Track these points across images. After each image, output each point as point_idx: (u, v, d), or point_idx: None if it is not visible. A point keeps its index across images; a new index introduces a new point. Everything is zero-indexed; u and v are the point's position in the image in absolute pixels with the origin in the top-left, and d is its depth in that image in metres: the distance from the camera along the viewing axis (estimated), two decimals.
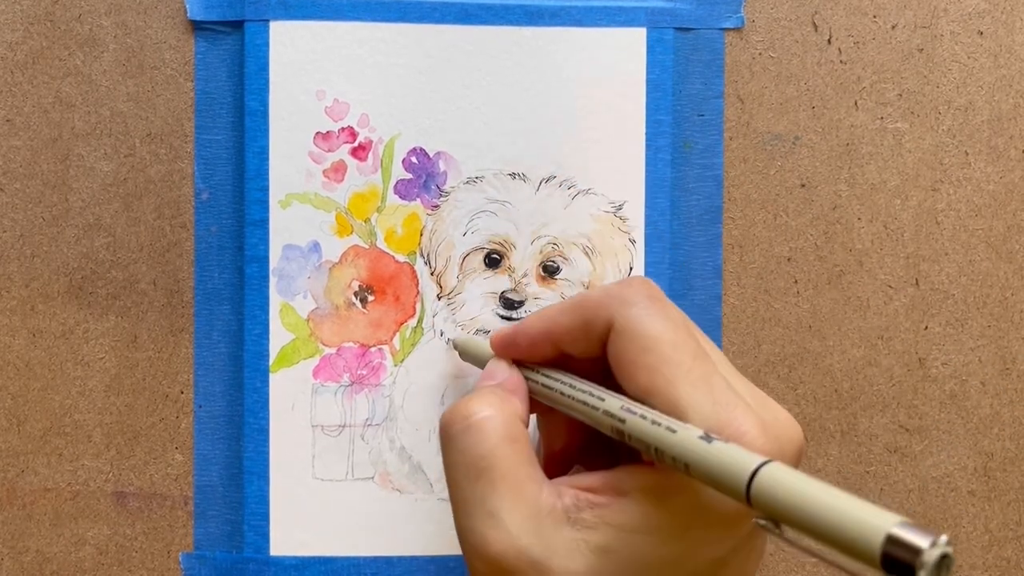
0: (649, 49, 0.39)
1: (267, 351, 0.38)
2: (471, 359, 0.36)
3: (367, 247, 0.39)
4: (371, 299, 0.39)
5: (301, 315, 0.39)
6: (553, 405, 0.33)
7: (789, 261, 0.40)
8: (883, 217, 0.40)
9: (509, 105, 0.39)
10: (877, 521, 0.22)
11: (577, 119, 0.39)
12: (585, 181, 0.39)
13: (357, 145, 0.39)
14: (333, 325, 0.39)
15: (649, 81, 0.39)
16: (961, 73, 0.40)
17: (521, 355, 0.34)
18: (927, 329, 0.40)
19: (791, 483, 0.24)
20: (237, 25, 0.38)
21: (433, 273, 0.39)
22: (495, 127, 0.39)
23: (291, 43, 0.38)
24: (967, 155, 0.40)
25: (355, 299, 0.39)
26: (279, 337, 0.38)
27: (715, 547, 0.28)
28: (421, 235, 0.39)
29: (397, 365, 0.39)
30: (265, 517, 0.38)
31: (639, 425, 0.28)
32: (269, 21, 0.38)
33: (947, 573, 0.22)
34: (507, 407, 0.31)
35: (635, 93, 0.39)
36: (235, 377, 0.39)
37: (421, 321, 0.39)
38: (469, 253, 0.39)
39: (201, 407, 0.39)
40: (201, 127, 0.39)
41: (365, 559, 0.39)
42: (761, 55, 0.39)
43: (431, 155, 0.39)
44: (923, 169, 0.40)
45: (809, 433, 0.39)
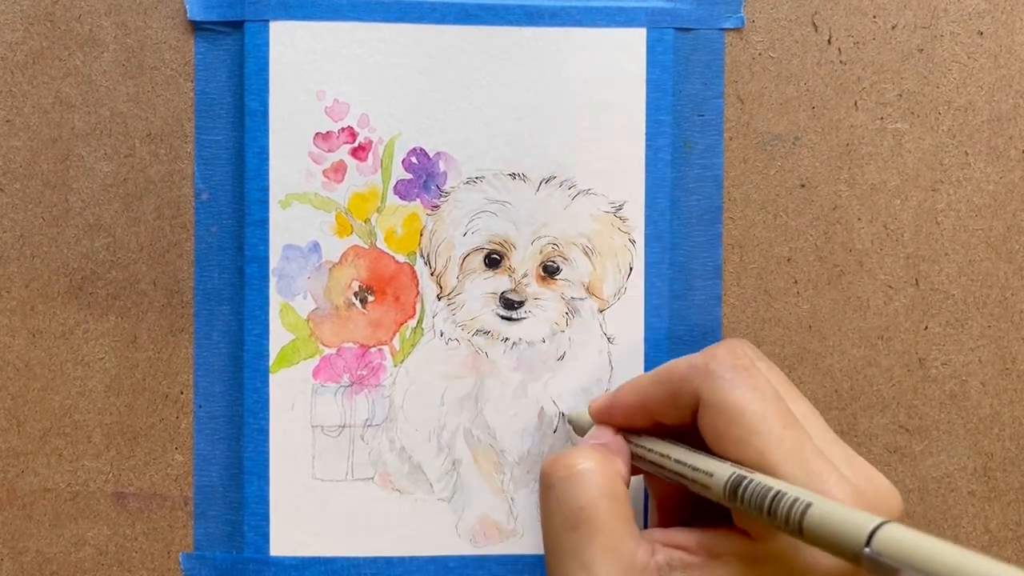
0: (649, 49, 0.39)
1: (267, 351, 0.38)
2: (580, 432, 0.37)
3: (367, 247, 0.39)
4: (371, 299, 0.39)
5: (301, 315, 0.39)
6: (659, 475, 0.33)
7: (789, 261, 0.40)
8: (883, 217, 0.40)
9: (509, 105, 0.39)
10: None
11: (577, 119, 0.39)
12: (585, 181, 0.39)
13: (357, 145, 0.39)
14: (333, 325, 0.39)
15: (649, 81, 0.39)
16: (961, 73, 0.40)
17: (618, 424, 0.34)
18: (927, 329, 0.40)
19: (913, 541, 0.24)
20: (237, 25, 0.38)
21: (433, 273, 0.39)
22: (495, 127, 0.39)
23: (291, 43, 0.38)
24: (967, 155, 0.40)
25: (355, 299, 0.39)
26: (279, 337, 0.38)
27: None
28: (421, 235, 0.39)
29: (397, 365, 0.39)
30: (265, 517, 0.38)
31: (751, 489, 0.28)
32: (269, 21, 0.38)
33: None
34: (610, 464, 0.31)
35: (635, 93, 0.39)
36: (235, 377, 0.39)
37: (421, 321, 0.39)
38: (469, 253, 0.39)
39: (201, 407, 0.39)
40: (201, 127, 0.39)
41: (365, 559, 0.39)
42: (761, 55, 0.39)
43: (431, 155, 0.39)
44: (923, 169, 0.40)
45: None
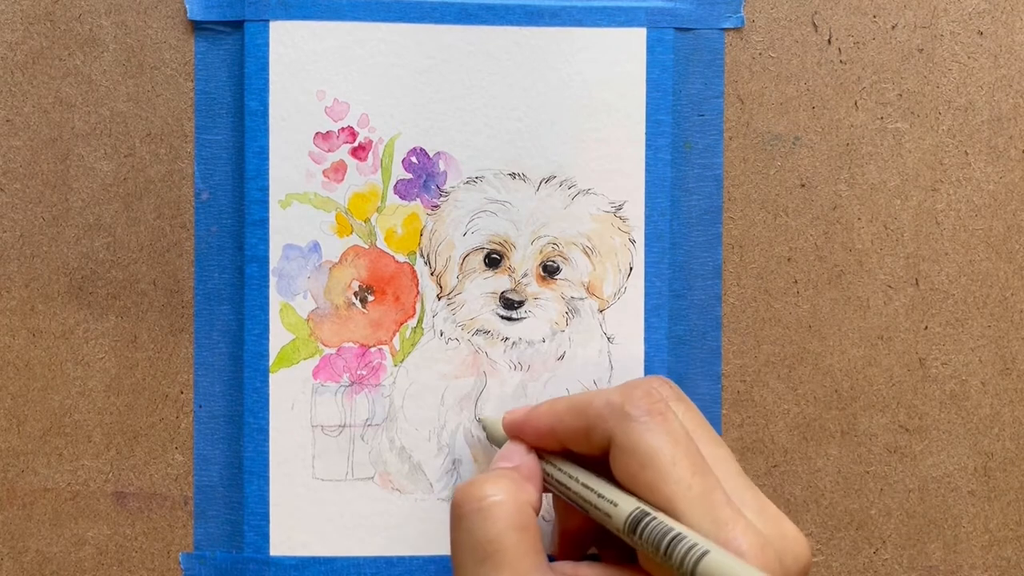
0: (649, 49, 0.39)
1: (267, 351, 0.38)
2: (494, 440, 0.37)
3: (367, 247, 0.39)
4: (371, 299, 0.39)
5: (301, 315, 0.39)
6: (566, 499, 0.33)
7: (789, 261, 0.40)
8: (883, 217, 0.40)
9: (509, 105, 0.39)
10: None
11: (577, 119, 0.39)
12: (585, 181, 0.39)
13: (357, 145, 0.39)
14: (333, 325, 0.39)
15: (649, 81, 0.39)
16: (961, 73, 0.40)
17: (529, 443, 0.34)
18: (927, 329, 0.40)
19: None
20: (237, 25, 0.38)
21: (433, 273, 0.39)
22: (495, 127, 0.39)
23: (291, 43, 0.38)
24: (967, 155, 0.40)
25: (355, 299, 0.39)
26: (279, 337, 0.38)
27: None
28: (421, 235, 0.39)
29: (397, 365, 0.39)
30: (265, 517, 0.38)
31: (652, 527, 0.29)
32: (269, 21, 0.38)
33: None
34: (521, 494, 0.31)
35: (635, 93, 0.39)
36: (235, 377, 0.39)
37: (421, 321, 0.39)
38: (469, 253, 0.39)
39: (201, 407, 0.39)
40: (201, 127, 0.39)
41: (365, 559, 0.39)
42: (761, 55, 0.39)
43: (431, 155, 0.39)
44: (923, 169, 0.40)
45: (809, 433, 0.40)
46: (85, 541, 0.39)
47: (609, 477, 0.32)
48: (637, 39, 0.39)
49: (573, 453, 0.33)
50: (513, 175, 0.39)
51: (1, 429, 0.39)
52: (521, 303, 0.39)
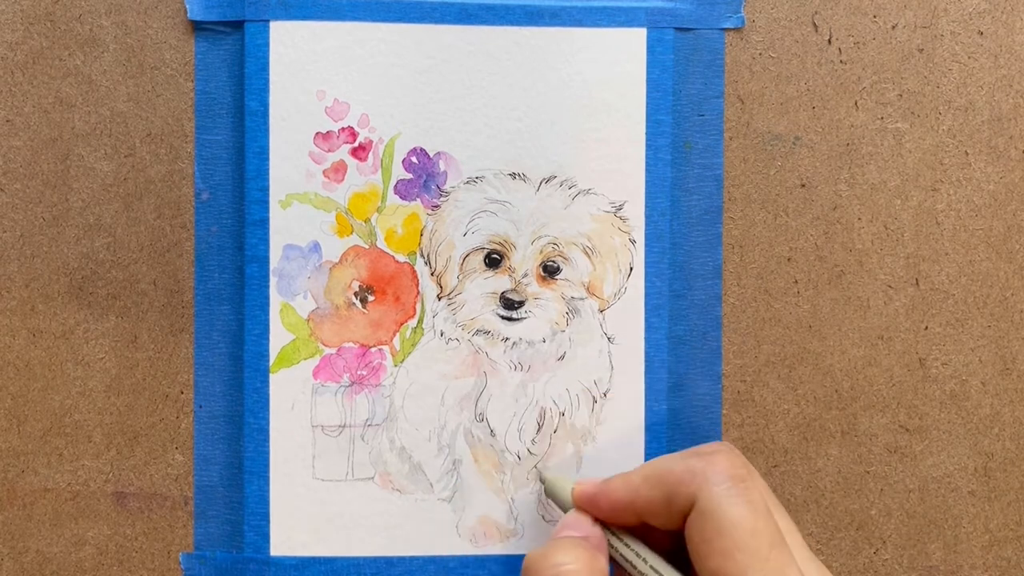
0: (649, 49, 0.39)
1: (267, 351, 0.38)
2: (553, 497, 0.37)
3: (367, 247, 0.39)
4: (371, 299, 0.39)
5: (301, 315, 0.39)
6: (629, 574, 0.33)
7: (789, 261, 0.40)
8: (883, 217, 0.40)
9: (509, 105, 0.39)
10: None
11: (577, 119, 0.39)
12: (585, 181, 0.39)
13: (357, 145, 0.39)
14: (333, 325, 0.39)
15: (649, 81, 0.39)
16: (961, 73, 0.40)
17: (602, 516, 0.34)
18: (927, 329, 0.40)
19: None
20: (237, 25, 0.38)
21: (433, 273, 0.39)
22: (495, 127, 0.39)
23: (291, 43, 0.38)
24: (967, 155, 0.40)
25: (355, 299, 0.39)
26: (279, 337, 0.38)
27: None
28: (421, 235, 0.39)
29: (397, 365, 0.39)
30: (265, 517, 0.38)
31: None
32: (269, 21, 0.38)
33: None
34: (595, 564, 0.32)
35: (635, 93, 0.39)
36: (235, 377, 0.39)
37: (421, 321, 0.39)
38: (469, 253, 0.39)
39: (201, 407, 0.39)
40: (201, 127, 0.39)
41: (365, 559, 0.39)
42: (761, 55, 0.39)
43: (431, 155, 0.39)
44: (923, 169, 0.40)
45: (809, 433, 0.40)
46: (85, 541, 0.39)
47: (675, 563, 0.32)
48: (637, 39, 0.39)
49: (637, 532, 0.34)
50: (513, 175, 0.39)
51: (1, 429, 0.39)
52: (521, 303, 0.39)
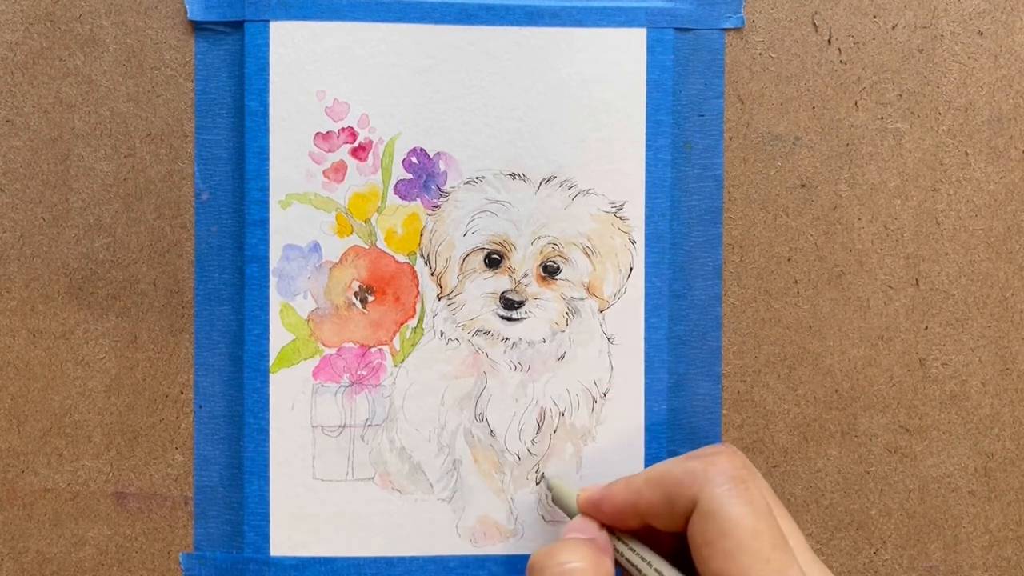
0: (649, 49, 0.39)
1: (267, 351, 0.38)
2: (559, 504, 0.37)
3: (367, 247, 0.39)
4: (371, 299, 0.39)
5: (301, 315, 0.39)
6: None
7: (789, 261, 0.40)
8: (883, 217, 0.40)
9: (509, 105, 0.39)
10: None
11: (577, 119, 0.39)
12: (585, 181, 0.39)
13: (357, 145, 0.39)
14: (333, 325, 0.39)
15: (649, 81, 0.39)
16: (961, 73, 0.40)
17: (606, 521, 0.34)
18: (927, 329, 0.40)
19: None
20: (237, 25, 0.38)
21: (433, 273, 0.39)
22: (495, 127, 0.39)
23: (291, 43, 0.38)
24: (967, 155, 0.40)
25: (355, 299, 0.39)
26: (279, 337, 0.38)
27: None
28: (421, 235, 0.39)
29: (397, 366, 0.39)
30: (265, 517, 0.38)
31: None
32: (269, 21, 0.38)
33: None
34: (600, 565, 0.32)
35: (635, 93, 0.39)
36: (235, 377, 0.39)
37: (421, 321, 0.39)
38: (469, 253, 0.39)
39: (201, 407, 0.39)
40: (201, 127, 0.39)
41: (365, 559, 0.39)
42: (761, 55, 0.39)
43: (431, 155, 0.39)
44: (923, 169, 0.40)
45: (809, 433, 0.40)
46: (85, 541, 0.39)
47: (679, 565, 0.32)
48: (637, 39, 0.39)
49: (642, 535, 0.34)
50: (513, 175, 0.39)
51: (1, 429, 0.39)
52: (521, 303, 0.39)
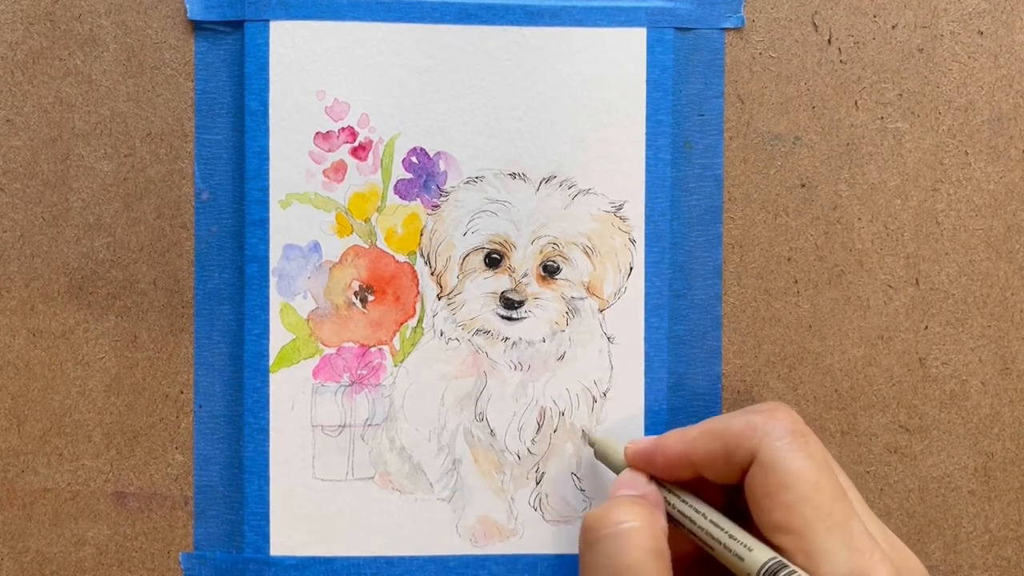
0: (649, 49, 0.39)
1: (267, 351, 0.38)
2: (603, 459, 0.37)
3: (367, 247, 0.39)
4: (371, 299, 0.39)
5: (301, 315, 0.39)
6: (687, 533, 0.33)
7: (789, 261, 0.40)
8: (883, 217, 0.40)
9: (509, 105, 0.39)
10: None
11: (577, 119, 0.39)
12: (585, 181, 0.39)
13: (357, 145, 0.39)
14: (333, 325, 0.39)
15: (649, 81, 0.39)
16: (961, 73, 0.40)
17: (657, 473, 0.34)
18: (927, 329, 0.40)
19: None
20: (237, 25, 0.38)
21: (433, 273, 0.39)
22: (495, 127, 0.39)
23: (291, 43, 0.38)
24: (967, 155, 0.40)
25: (355, 299, 0.39)
26: (279, 337, 0.38)
27: None
28: (421, 235, 0.39)
29: (397, 365, 0.39)
30: (265, 517, 0.38)
31: None
32: (269, 21, 0.38)
33: None
34: (655, 521, 0.31)
35: (635, 93, 0.39)
36: (235, 377, 0.39)
37: (421, 321, 0.39)
38: (469, 253, 0.39)
39: (201, 407, 0.39)
40: (201, 127, 0.39)
41: (365, 559, 0.39)
42: (761, 55, 0.39)
43: (431, 155, 0.39)
44: (923, 169, 0.40)
45: None
46: (85, 541, 0.39)
47: (732, 516, 0.32)
48: (637, 39, 0.39)
49: (696, 485, 0.34)
50: (513, 175, 0.39)
51: (1, 429, 0.39)
52: (521, 303, 0.39)
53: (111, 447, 0.39)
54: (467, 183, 0.39)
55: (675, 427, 0.39)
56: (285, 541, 0.38)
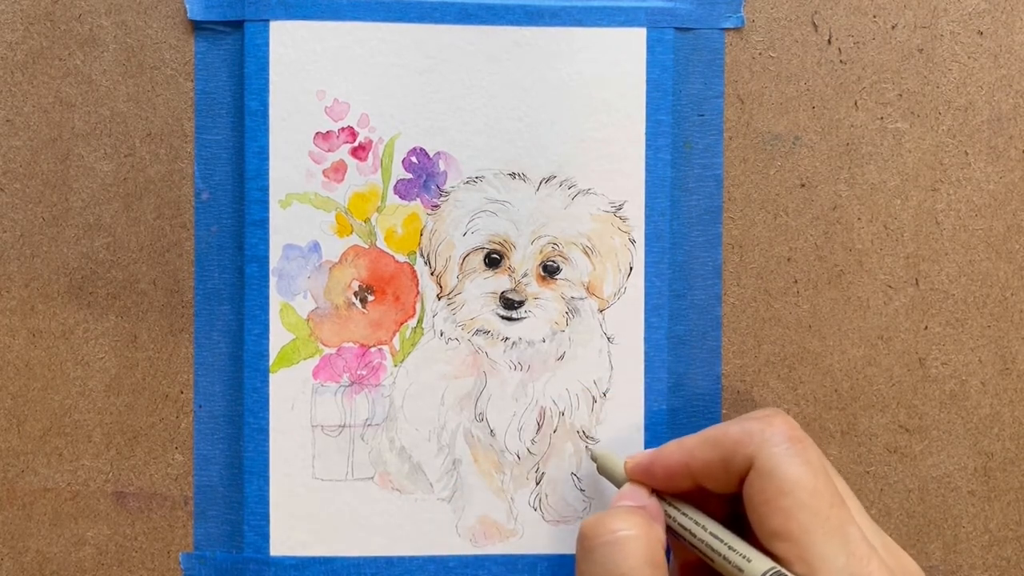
0: (649, 49, 0.39)
1: (267, 351, 0.38)
2: (605, 474, 0.37)
3: (367, 247, 0.39)
4: (371, 299, 0.39)
5: (301, 315, 0.39)
6: (687, 545, 0.33)
7: (789, 261, 0.40)
8: (883, 217, 0.40)
9: (509, 105, 0.39)
10: None
11: (577, 119, 0.39)
12: (585, 181, 0.39)
13: (357, 145, 0.39)
14: (333, 325, 0.39)
15: (649, 81, 0.39)
16: (961, 73, 0.40)
17: (657, 485, 0.34)
18: (927, 329, 0.40)
19: None
20: (237, 25, 0.38)
21: (433, 273, 0.39)
22: (495, 127, 0.39)
23: (291, 43, 0.38)
24: (967, 155, 0.40)
25: (355, 299, 0.39)
26: (279, 337, 0.38)
27: None
28: (421, 235, 0.39)
29: (397, 365, 0.39)
30: (265, 517, 0.38)
31: None
32: (269, 21, 0.38)
33: None
34: (652, 531, 0.31)
35: (635, 93, 0.39)
36: (235, 377, 0.39)
37: (421, 321, 0.39)
38: (469, 253, 0.39)
39: (201, 407, 0.39)
40: (201, 127, 0.39)
41: (365, 559, 0.39)
42: (761, 55, 0.39)
43: (431, 155, 0.39)
44: (923, 169, 0.40)
45: (809, 433, 0.39)
46: (85, 541, 0.39)
47: (730, 529, 0.32)
48: (637, 39, 0.39)
49: (690, 501, 0.34)
50: (513, 175, 0.39)
51: (1, 429, 0.39)
52: (521, 303, 0.39)
53: (111, 447, 0.39)
54: (467, 183, 0.39)
55: (675, 427, 0.39)
56: (285, 541, 0.38)
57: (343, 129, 0.39)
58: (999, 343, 0.40)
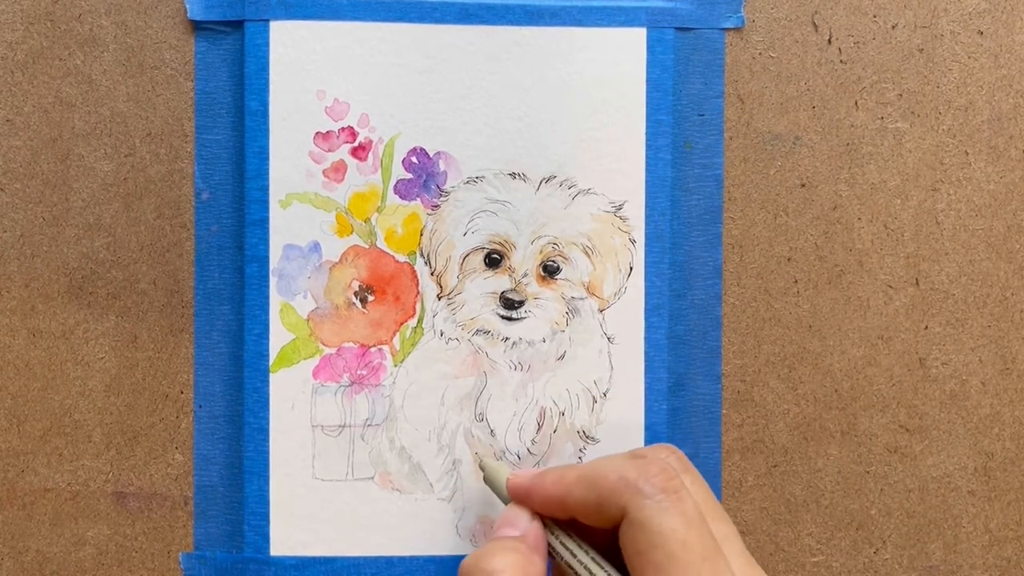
0: (649, 49, 0.39)
1: (267, 351, 0.38)
2: (491, 486, 0.36)
3: (367, 247, 0.39)
4: (371, 299, 0.39)
5: (301, 315, 0.39)
6: (569, 571, 0.33)
7: (789, 261, 0.40)
8: (883, 217, 0.40)
9: (509, 105, 0.39)
10: None
11: (577, 119, 0.39)
12: (585, 181, 0.39)
13: (357, 145, 0.39)
14: (333, 325, 0.39)
15: (649, 81, 0.39)
16: (961, 73, 0.40)
17: (536, 510, 0.34)
18: (927, 329, 0.40)
19: None
20: (237, 25, 0.38)
21: (433, 273, 0.39)
22: (495, 127, 0.39)
23: (291, 43, 0.38)
24: (967, 155, 0.40)
25: (355, 299, 0.39)
26: (279, 337, 0.38)
27: None
28: (421, 235, 0.39)
29: (397, 365, 0.39)
30: (265, 517, 0.38)
31: None
32: (269, 21, 0.38)
33: None
34: (530, 567, 0.31)
35: (635, 93, 0.39)
36: (235, 377, 0.39)
37: (421, 321, 0.39)
38: (469, 253, 0.39)
39: (201, 407, 0.39)
40: (201, 127, 0.39)
41: (365, 559, 0.39)
42: (761, 55, 0.39)
43: (431, 155, 0.39)
44: (923, 169, 0.40)
45: (809, 433, 0.40)
46: (85, 541, 0.39)
47: (614, 555, 0.32)
48: (637, 39, 0.39)
49: (577, 523, 0.33)
50: (513, 175, 0.39)
51: (1, 429, 0.39)
52: (521, 303, 0.39)
53: (111, 447, 0.39)
54: (467, 183, 0.39)
55: (675, 427, 0.39)
56: (285, 541, 0.38)
57: (343, 129, 0.39)
58: (999, 343, 0.40)
